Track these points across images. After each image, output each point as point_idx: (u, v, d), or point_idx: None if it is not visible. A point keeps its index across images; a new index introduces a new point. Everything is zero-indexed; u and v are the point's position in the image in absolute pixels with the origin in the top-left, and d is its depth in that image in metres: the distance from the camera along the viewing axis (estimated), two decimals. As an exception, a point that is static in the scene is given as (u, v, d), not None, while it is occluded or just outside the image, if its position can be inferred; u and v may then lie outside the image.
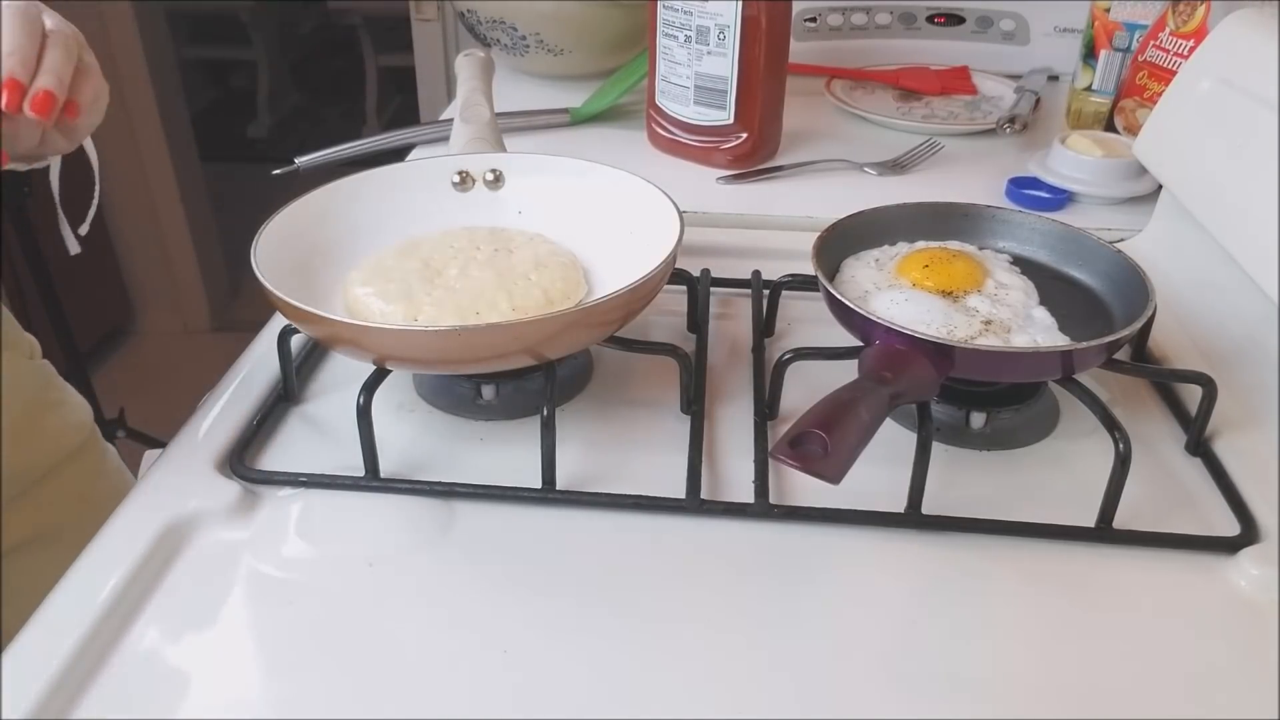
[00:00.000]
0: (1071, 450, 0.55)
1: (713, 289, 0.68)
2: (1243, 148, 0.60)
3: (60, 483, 0.72)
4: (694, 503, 0.49)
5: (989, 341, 0.52)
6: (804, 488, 0.50)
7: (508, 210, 0.66)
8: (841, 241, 0.61)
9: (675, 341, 0.57)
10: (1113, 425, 0.49)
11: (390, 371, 0.52)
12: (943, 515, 0.49)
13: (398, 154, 0.87)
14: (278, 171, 0.89)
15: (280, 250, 0.55)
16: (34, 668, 0.39)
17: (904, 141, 0.94)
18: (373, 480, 0.51)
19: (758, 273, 0.69)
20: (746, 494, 0.50)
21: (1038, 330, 0.54)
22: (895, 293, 0.57)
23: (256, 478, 0.51)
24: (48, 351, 0.75)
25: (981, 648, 0.43)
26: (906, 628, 0.44)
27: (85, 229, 0.70)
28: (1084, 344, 0.50)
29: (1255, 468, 0.52)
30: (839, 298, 0.53)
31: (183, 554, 0.47)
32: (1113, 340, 0.50)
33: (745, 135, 0.88)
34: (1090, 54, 0.92)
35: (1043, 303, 0.57)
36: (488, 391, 0.57)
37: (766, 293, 0.65)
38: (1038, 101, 1.02)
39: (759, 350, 0.62)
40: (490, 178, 0.67)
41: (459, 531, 0.49)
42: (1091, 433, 0.53)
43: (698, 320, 0.65)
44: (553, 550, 0.48)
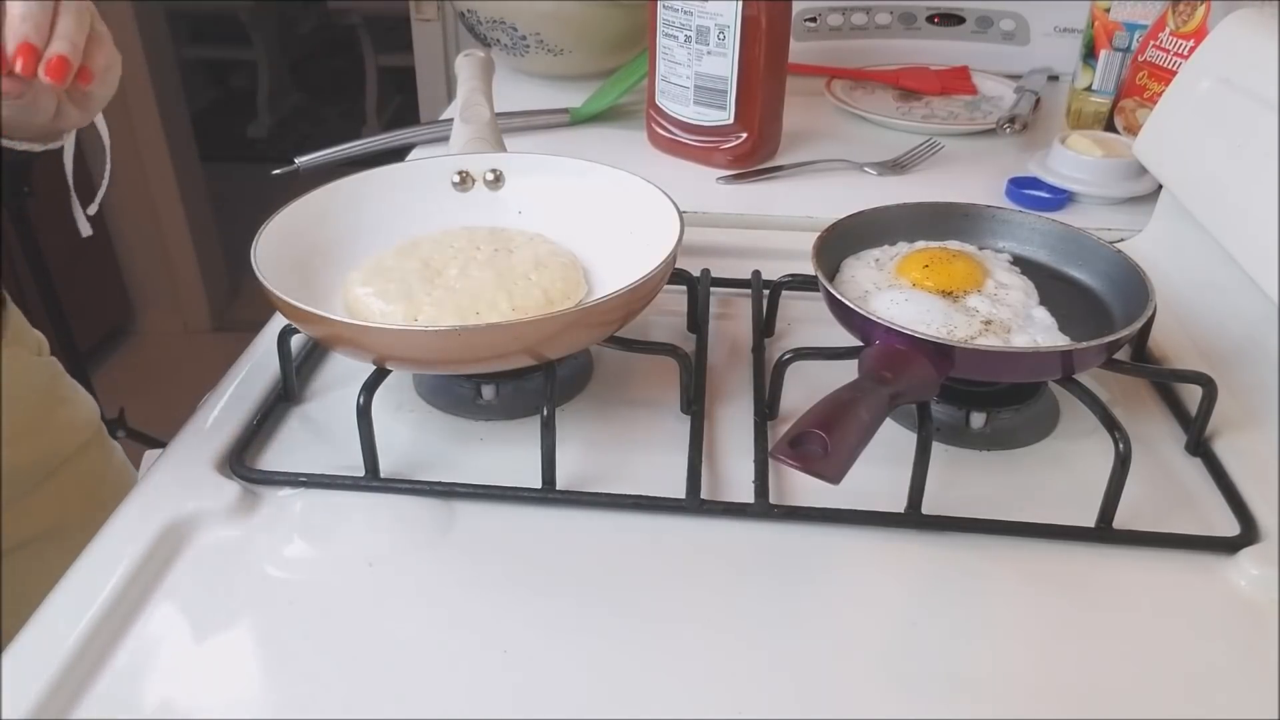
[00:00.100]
0: (1071, 450, 0.55)
1: (713, 289, 0.68)
2: (1243, 148, 0.60)
3: (67, 479, 0.72)
4: (694, 503, 0.49)
5: (989, 341, 0.52)
6: (804, 488, 0.50)
7: (508, 210, 0.66)
8: (841, 241, 0.61)
9: (675, 341, 0.57)
10: (1113, 425, 0.49)
11: (390, 371, 0.52)
12: (943, 515, 0.49)
13: (398, 154, 0.87)
14: (278, 171, 0.89)
15: (280, 250, 0.55)
16: (34, 668, 0.39)
17: (904, 141, 0.94)
18: (373, 480, 0.51)
19: (758, 273, 0.69)
20: (746, 494, 0.50)
21: (1038, 330, 0.54)
22: (895, 293, 0.57)
23: (256, 478, 0.51)
24: (47, 351, 0.75)
25: (981, 648, 0.43)
26: (906, 628, 0.44)
27: (95, 208, 0.70)
28: (1084, 344, 0.50)
29: (1255, 468, 0.52)
30: (839, 298, 0.53)
31: (183, 554, 0.47)
32: (1113, 340, 0.50)
33: (745, 135, 0.88)
34: (1090, 54, 0.92)
35: (1043, 303, 0.57)
36: (488, 391, 0.57)
37: (766, 293, 0.65)
38: (1038, 101, 1.02)
39: (759, 350, 0.62)
40: (490, 178, 0.67)
41: (459, 531, 0.49)
42: (1091, 433, 0.53)
43: (698, 320, 0.65)
44: (553, 550, 0.48)
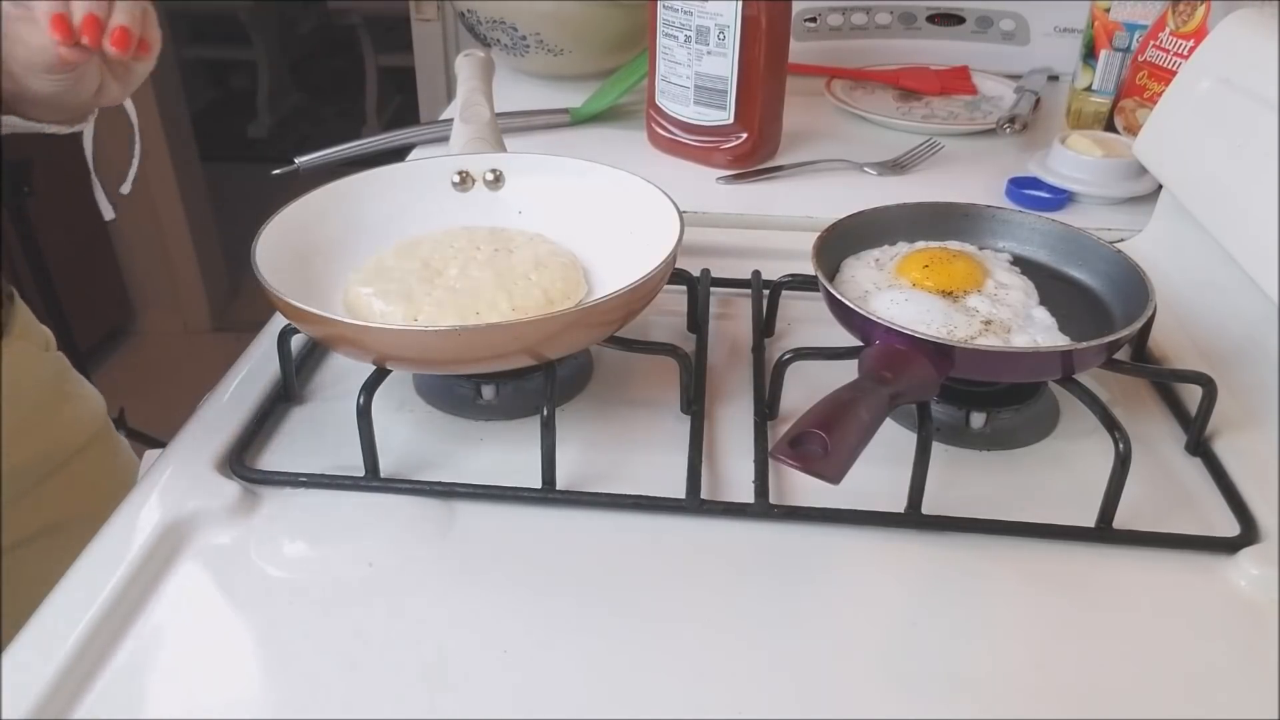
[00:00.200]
0: (1071, 450, 0.55)
1: (713, 289, 0.68)
2: (1243, 148, 0.60)
3: (74, 474, 0.72)
4: (694, 503, 0.49)
5: (989, 341, 0.52)
6: (804, 488, 0.50)
7: (508, 210, 0.66)
8: (841, 241, 0.61)
9: (675, 341, 0.57)
10: (1113, 425, 0.49)
11: (390, 371, 0.52)
12: (943, 515, 0.49)
13: (398, 154, 0.87)
14: (278, 171, 0.89)
15: (280, 250, 0.55)
16: (34, 668, 0.39)
17: (904, 141, 0.94)
18: (373, 480, 0.51)
19: (758, 273, 0.69)
20: (746, 494, 0.50)
21: (1038, 330, 0.54)
22: (895, 293, 0.57)
23: (256, 478, 0.51)
24: (48, 351, 0.75)
25: (981, 648, 0.43)
26: (906, 628, 0.44)
27: (127, 188, 0.71)
28: (1084, 344, 0.50)
29: (1255, 468, 0.52)
30: (839, 298, 0.53)
31: (183, 554, 0.47)
32: (1113, 340, 0.50)
33: (745, 135, 0.88)
34: (1090, 54, 0.92)
35: (1043, 303, 0.57)
36: (488, 391, 0.57)
37: (766, 293, 0.65)
38: (1038, 101, 1.02)
39: (759, 350, 0.62)
40: (490, 178, 0.67)
41: (459, 531, 0.49)
42: (1091, 433, 0.53)
43: (698, 320, 0.65)
44: (553, 550, 0.48)
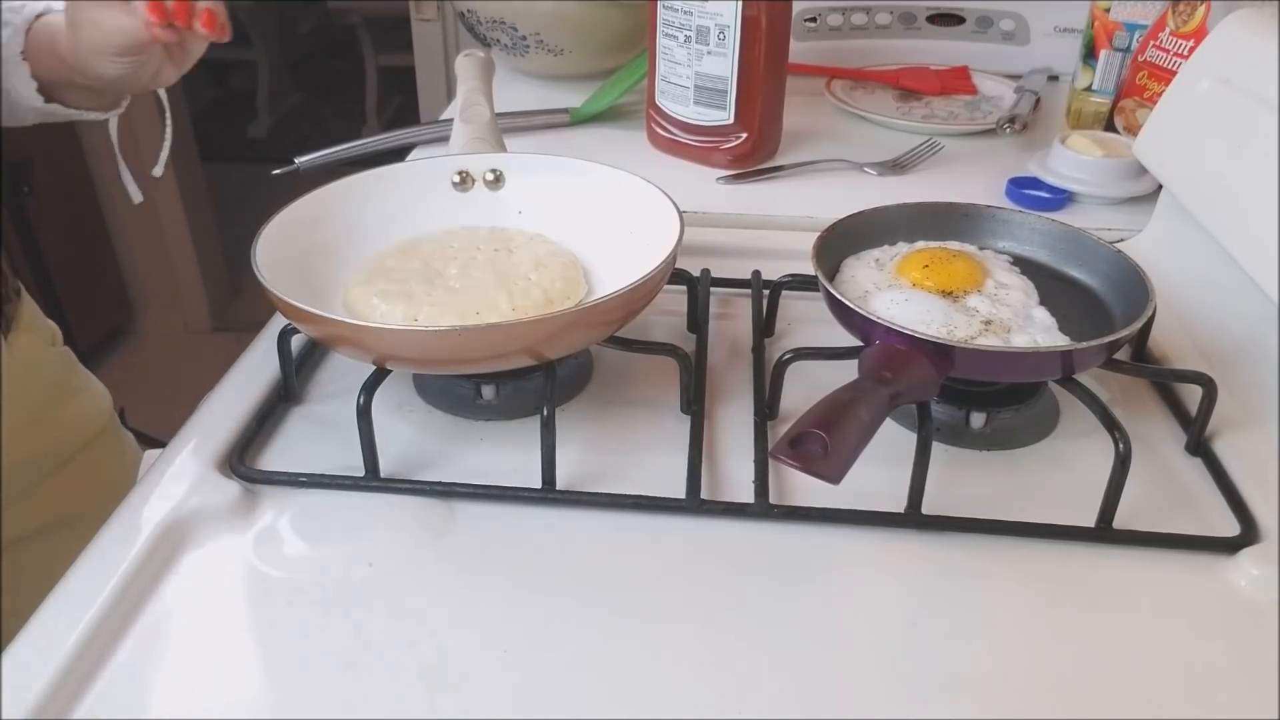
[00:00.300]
0: (1071, 450, 0.55)
1: (713, 289, 0.68)
2: (1243, 148, 0.60)
3: (80, 468, 0.73)
4: (694, 503, 0.49)
5: (989, 341, 0.52)
6: (804, 488, 0.50)
7: (508, 210, 0.66)
8: (841, 241, 0.61)
9: (675, 341, 0.57)
10: (1113, 425, 0.49)
11: (390, 371, 0.52)
12: (943, 515, 0.49)
13: (398, 154, 0.87)
14: (278, 171, 0.89)
15: (280, 250, 0.55)
16: (34, 668, 0.39)
17: (904, 141, 0.94)
18: (373, 480, 0.51)
19: (758, 273, 0.69)
20: (746, 494, 0.50)
21: (1038, 330, 0.54)
22: (895, 293, 0.57)
23: (256, 478, 0.51)
24: (48, 351, 0.75)
25: (981, 648, 0.43)
26: (906, 628, 0.44)
27: (160, 170, 0.75)
28: (1084, 344, 0.50)
29: (1255, 468, 0.52)
30: (839, 298, 0.53)
31: (183, 554, 0.47)
32: (1113, 340, 0.50)
33: (745, 135, 0.88)
34: (1090, 54, 0.92)
35: (1043, 303, 0.57)
36: (488, 391, 0.57)
37: (766, 293, 0.65)
38: (1038, 101, 1.02)
39: (759, 350, 0.62)
40: (490, 178, 0.67)
41: (459, 531, 0.49)
42: (1091, 433, 0.53)
43: (698, 320, 0.65)
44: (553, 550, 0.48)
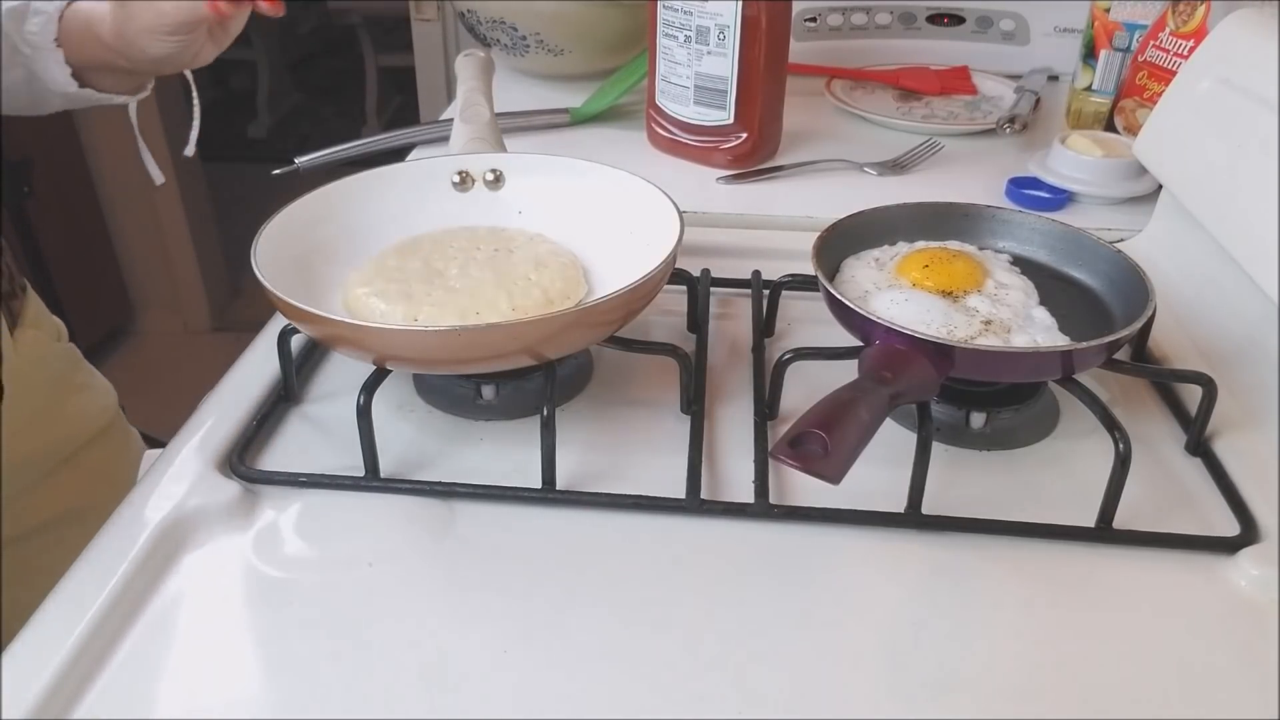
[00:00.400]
0: (1071, 450, 0.55)
1: (713, 289, 0.68)
2: (1243, 148, 0.60)
3: (85, 464, 0.73)
4: (694, 503, 0.49)
5: (989, 341, 0.52)
6: (804, 488, 0.50)
7: (508, 210, 0.66)
8: (841, 241, 0.61)
9: (675, 341, 0.57)
10: (1113, 425, 0.49)
11: (390, 371, 0.52)
12: (943, 515, 0.49)
13: (398, 154, 0.87)
14: (278, 171, 0.89)
15: (280, 250, 0.55)
16: (34, 668, 0.39)
17: (904, 141, 0.94)
18: (373, 480, 0.51)
19: (758, 273, 0.69)
20: (746, 494, 0.50)
21: (1038, 330, 0.54)
22: (895, 293, 0.57)
23: (256, 478, 0.51)
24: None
25: (981, 648, 0.43)
26: (906, 628, 0.44)
27: (191, 150, 0.75)
28: (1084, 344, 0.50)
29: (1255, 468, 0.52)
30: (839, 298, 0.53)
31: (183, 554, 0.47)
32: (1113, 340, 0.50)
33: (745, 135, 0.88)
34: (1090, 54, 0.92)
35: (1043, 303, 0.57)
36: (488, 391, 0.57)
37: (766, 293, 0.65)
38: (1038, 101, 1.02)
39: (759, 350, 0.62)
40: (490, 178, 0.67)
41: (459, 531, 0.49)
42: (1091, 433, 0.53)
43: (698, 320, 0.65)
44: (553, 550, 0.48)
